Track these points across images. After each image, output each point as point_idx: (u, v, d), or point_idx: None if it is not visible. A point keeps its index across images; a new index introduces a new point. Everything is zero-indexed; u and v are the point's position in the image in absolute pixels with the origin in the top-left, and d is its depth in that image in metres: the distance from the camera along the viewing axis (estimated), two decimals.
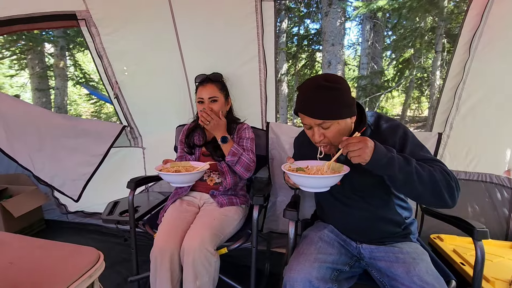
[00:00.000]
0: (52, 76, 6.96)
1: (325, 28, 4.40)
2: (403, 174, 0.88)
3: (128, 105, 1.99)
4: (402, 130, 1.03)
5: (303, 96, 1.00)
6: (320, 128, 1.00)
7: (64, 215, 2.57)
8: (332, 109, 0.96)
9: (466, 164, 1.66)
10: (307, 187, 1.02)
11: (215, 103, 1.50)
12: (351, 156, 0.88)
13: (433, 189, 0.89)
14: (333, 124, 0.98)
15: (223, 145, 1.45)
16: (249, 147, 1.55)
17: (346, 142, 0.89)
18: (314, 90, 0.97)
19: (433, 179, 0.89)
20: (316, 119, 0.97)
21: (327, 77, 0.99)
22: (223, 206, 1.47)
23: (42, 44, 6.40)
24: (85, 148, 2.04)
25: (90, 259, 0.78)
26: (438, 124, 1.67)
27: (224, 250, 1.36)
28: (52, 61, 6.75)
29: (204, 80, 1.53)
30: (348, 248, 1.15)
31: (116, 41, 1.76)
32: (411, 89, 5.43)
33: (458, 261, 1.40)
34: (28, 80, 6.83)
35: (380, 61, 5.29)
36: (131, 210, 1.51)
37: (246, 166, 1.48)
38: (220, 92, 1.53)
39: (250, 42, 1.61)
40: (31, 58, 6.48)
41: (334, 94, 0.96)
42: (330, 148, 1.06)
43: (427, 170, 0.90)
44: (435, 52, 4.37)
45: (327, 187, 1.01)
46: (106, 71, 1.84)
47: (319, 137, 1.01)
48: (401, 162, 0.88)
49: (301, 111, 1.01)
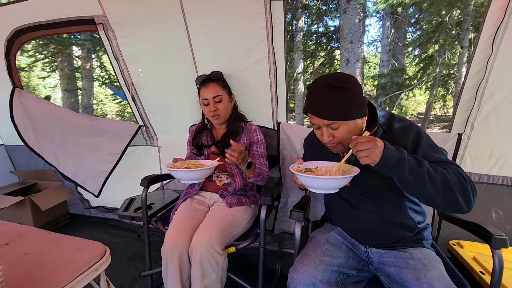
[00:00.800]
0: (79, 77, 7.34)
1: (344, 25, 4.30)
2: (414, 176, 0.84)
3: (144, 106, 2.06)
4: (415, 130, 0.99)
5: (312, 95, 0.98)
6: (328, 129, 0.98)
7: (87, 209, 2.71)
8: (341, 110, 0.93)
9: (490, 167, 1.56)
10: (315, 188, 1.00)
11: (220, 103, 1.51)
12: (360, 156, 0.86)
13: (446, 192, 0.85)
14: (342, 125, 0.95)
15: (245, 171, 1.40)
16: (262, 153, 1.55)
17: (355, 141, 0.86)
18: (323, 89, 0.95)
19: (447, 182, 0.85)
20: (324, 119, 0.95)
21: (337, 76, 0.96)
22: (232, 206, 1.48)
23: (70, 47, 6.75)
24: (104, 147, 2.14)
25: (97, 253, 0.82)
26: (457, 125, 1.58)
27: (232, 249, 1.37)
28: (80, 63, 7.11)
29: (206, 80, 1.52)
30: (356, 252, 1.12)
31: (131, 43, 1.82)
32: (436, 87, 5.16)
33: (477, 269, 1.32)
34: (59, 82, 7.24)
35: (401, 58, 5.08)
36: (144, 207, 1.56)
37: (266, 179, 1.51)
38: (223, 90, 1.53)
39: (259, 42, 1.61)
40: (61, 61, 6.87)
41: (343, 94, 0.93)
42: (339, 148, 1.04)
43: (440, 173, 0.86)
44: (461, 47, 4.12)
45: (336, 188, 0.99)
46: (123, 73, 1.91)
47: (328, 137, 0.99)
48: (412, 163, 0.85)
49: (309, 111, 0.99)
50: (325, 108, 0.94)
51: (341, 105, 0.92)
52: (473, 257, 1.43)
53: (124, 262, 2.02)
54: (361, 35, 4.34)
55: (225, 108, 1.53)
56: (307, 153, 1.34)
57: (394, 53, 4.86)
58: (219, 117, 1.53)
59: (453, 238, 1.63)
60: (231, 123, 1.58)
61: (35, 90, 10.16)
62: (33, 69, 8.41)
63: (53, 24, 1.76)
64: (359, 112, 0.96)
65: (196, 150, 1.63)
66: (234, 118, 1.58)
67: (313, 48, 7.35)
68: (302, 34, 5.87)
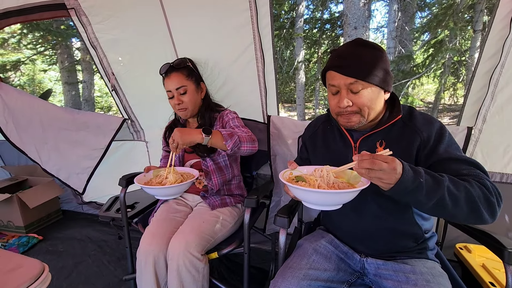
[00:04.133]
0: (80, 70, 7.26)
1: (347, 10, 4.05)
2: (432, 200, 0.71)
3: (127, 97, 1.93)
4: (438, 123, 0.90)
5: (337, 52, 0.89)
6: (349, 92, 0.86)
7: (80, 206, 2.66)
8: (369, 68, 0.83)
9: (504, 165, 1.39)
10: (310, 204, 0.82)
11: (185, 94, 1.34)
12: (371, 176, 0.70)
13: (469, 209, 0.73)
14: (365, 88, 0.84)
15: (211, 139, 1.17)
16: (237, 124, 1.34)
17: (369, 157, 0.68)
18: (352, 45, 0.87)
19: (470, 199, 0.72)
20: (348, 76, 0.84)
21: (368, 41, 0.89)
22: (215, 208, 1.37)
23: (69, 38, 6.64)
24: (87, 142, 2.05)
25: (32, 274, 0.71)
26: (467, 117, 1.41)
27: (215, 255, 1.27)
28: (80, 55, 7.02)
29: (168, 70, 1.35)
30: (349, 263, 1.00)
31: (107, 30, 1.68)
32: (445, 74, 4.87)
33: (487, 280, 1.18)
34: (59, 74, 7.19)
35: (409, 44, 4.79)
36: (123, 208, 1.46)
37: (249, 138, 1.23)
38: (188, 79, 1.35)
39: (243, 26, 1.45)
40: (60, 53, 6.79)
41: (375, 53, 0.85)
42: (355, 120, 0.88)
43: (463, 189, 0.72)
44: (474, 31, 3.81)
45: (337, 205, 0.81)
46: (102, 62, 1.79)
47: (347, 102, 0.86)
48: (430, 186, 0.70)
49: (331, 68, 0.88)
50: (350, 63, 0.84)
51: (370, 63, 0.83)
52: (482, 264, 1.29)
53: (113, 262, 1.95)
54: (366, 20, 4.09)
55: (191, 99, 1.36)
56: (308, 148, 1.15)
57: (401, 39, 4.57)
58: (185, 110, 1.37)
59: (460, 240, 1.49)
60: (202, 115, 1.42)
61: (40, 84, 10.16)
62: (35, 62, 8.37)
63: (22, 10, 1.63)
64: (386, 80, 0.86)
65: (169, 147, 1.50)
66: (206, 110, 1.42)
67: (317, 36, 7.07)
68: (302, 20, 5.60)
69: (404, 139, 0.89)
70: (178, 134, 1.13)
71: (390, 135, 0.92)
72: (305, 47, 6.37)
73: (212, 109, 1.44)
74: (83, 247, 2.13)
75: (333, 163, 0.91)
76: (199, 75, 1.43)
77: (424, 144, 0.86)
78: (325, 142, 1.07)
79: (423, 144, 0.86)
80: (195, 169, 1.35)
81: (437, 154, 0.84)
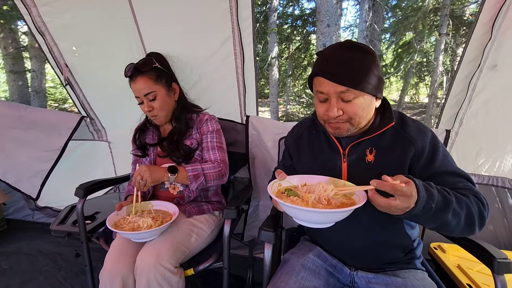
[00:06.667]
0: (28, 57, 6.48)
1: (320, 6, 4.04)
2: (437, 223, 0.70)
3: (84, 93, 1.69)
4: (430, 133, 0.86)
5: (325, 55, 0.81)
6: (339, 101, 0.78)
7: (29, 215, 2.36)
8: (363, 76, 0.75)
9: (477, 166, 1.44)
10: (302, 221, 0.75)
11: (154, 100, 1.21)
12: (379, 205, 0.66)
13: (466, 226, 0.73)
14: (357, 97, 0.77)
15: (177, 178, 1.14)
16: (214, 144, 1.27)
17: (390, 188, 0.63)
18: (343, 48, 0.79)
19: (470, 215, 0.72)
20: (339, 84, 0.75)
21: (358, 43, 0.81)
22: (191, 216, 1.24)
23: (13, 21, 5.87)
24: (39, 142, 1.80)
25: None
26: (445, 120, 1.43)
27: (190, 272, 1.15)
28: (27, 40, 6.25)
29: (133, 73, 1.19)
30: (338, 277, 0.95)
31: (57, 13, 1.44)
32: (410, 75, 5.11)
33: (464, 282, 1.20)
34: (2, 61, 6.36)
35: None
36: (81, 221, 1.27)
37: (217, 175, 1.21)
38: (157, 83, 1.21)
39: (221, 18, 1.31)
40: (3, 37, 5.98)
41: (367, 58, 0.77)
42: (344, 128, 0.83)
43: (465, 207, 0.71)
44: (439, 34, 4.03)
45: (330, 223, 0.75)
46: (52, 51, 1.54)
47: (337, 111, 0.79)
48: (439, 208, 0.67)
49: (320, 74, 0.79)
50: (342, 69, 0.76)
51: (363, 70, 0.76)
52: (457, 265, 1.32)
53: (69, 279, 1.73)
54: (338, 18, 4.12)
55: (162, 105, 1.23)
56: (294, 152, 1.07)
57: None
58: (156, 117, 1.25)
59: (434, 239, 1.52)
60: (177, 118, 1.29)
61: None
62: None
63: None
64: (378, 87, 0.80)
65: (140, 151, 1.34)
66: (181, 112, 1.29)
67: (288, 32, 7.05)
68: (276, 15, 5.51)
69: (397, 148, 0.85)
70: (148, 173, 1.07)
71: (381, 142, 0.87)
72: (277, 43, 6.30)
73: (189, 110, 1.32)
74: (33, 263, 1.86)
75: (320, 171, 0.87)
76: (170, 74, 1.28)
77: (419, 155, 0.83)
78: (311, 149, 0.99)
79: (417, 154, 0.83)
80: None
81: (434, 167, 0.81)
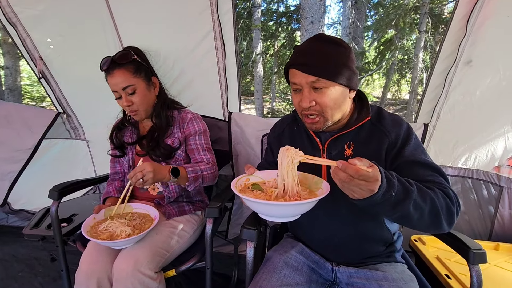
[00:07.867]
0: (1, 53, 6.16)
1: (304, 3, 4.05)
2: (397, 214, 0.68)
3: (60, 87, 1.61)
4: (406, 124, 0.89)
5: (299, 48, 0.84)
6: (311, 91, 0.81)
7: (3, 219, 2.23)
8: (332, 66, 0.79)
9: (453, 159, 1.48)
10: (266, 216, 0.74)
11: (134, 94, 1.16)
12: (345, 186, 0.63)
13: (431, 221, 0.72)
14: (328, 87, 0.80)
15: (178, 181, 1.11)
16: (204, 145, 1.26)
17: (354, 172, 0.60)
18: (314, 41, 0.82)
19: (435, 210, 0.70)
20: (309, 74, 0.79)
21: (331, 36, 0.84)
22: (171, 217, 1.21)
23: None
24: (8, 141, 1.68)
25: None
26: (423, 114, 1.47)
27: (172, 272, 1.12)
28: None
29: (110, 67, 1.13)
30: (320, 272, 0.95)
31: (29, 3, 1.36)
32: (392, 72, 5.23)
33: (442, 272, 1.23)
34: None
35: (361, 41, 5.02)
36: (56, 225, 1.22)
37: (212, 177, 1.23)
38: (136, 76, 1.16)
39: (201, 12, 1.27)
40: None
41: (338, 49, 0.80)
42: (319, 123, 0.85)
43: (429, 200, 0.70)
44: (419, 32, 4.13)
45: (294, 216, 0.74)
46: (25, 43, 1.46)
47: (309, 102, 0.81)
48: (399, 197, 0.65)
49: (292, 65, 0.83)
50: (313, 60, 0.79)
51: (334, 60, 0.79)
52: (436, 256, 1.36)
53: (46, 284, 1.66)
54: (322, 15, 4.14)
55: (142, 99, 1.18)
56: (275, 152, 1.07)
57: (355, 36, 4.77)
58: (136, 112, 1.20)
59: (415, 232, 1.56)
60: (157, 114, 1.24)
61: None
62: None
63: None
64: (351, 79, 0.82)
65: (117, 150, 1.29)
66: (161, 108, 1.24)
67: (273, 29, 7.04)
68: (260, 11, 5.48)
69: (373, 141, 0.87)
70: (151, 174, 0.99)
71: (358, 136, 0.89)
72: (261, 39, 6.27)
73: (169, 106, 1.27)
74: (7, 268, 1.78)
75: (301, 167, 0.84)
76: (149, 68, 1.23)
77: (392, 146, 0.85)
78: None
79: (390, 145, 0.85)
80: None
81: (403, 156, 0.82)
